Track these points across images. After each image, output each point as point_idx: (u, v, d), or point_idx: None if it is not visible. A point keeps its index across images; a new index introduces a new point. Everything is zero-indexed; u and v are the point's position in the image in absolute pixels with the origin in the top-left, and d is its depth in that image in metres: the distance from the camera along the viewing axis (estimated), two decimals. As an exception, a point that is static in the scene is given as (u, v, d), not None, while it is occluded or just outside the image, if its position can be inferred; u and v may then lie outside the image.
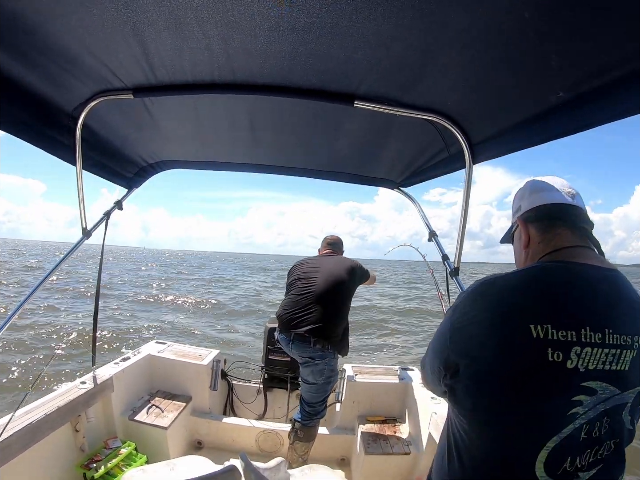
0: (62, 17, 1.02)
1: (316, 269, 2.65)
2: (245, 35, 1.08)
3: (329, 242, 2.94)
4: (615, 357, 0.72)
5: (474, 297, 0.82)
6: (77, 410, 2.17)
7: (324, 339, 2.38)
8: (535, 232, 0.92)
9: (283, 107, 1.65)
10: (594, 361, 0.71)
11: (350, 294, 2.60)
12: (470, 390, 0.78)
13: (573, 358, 0.70)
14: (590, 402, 0.71)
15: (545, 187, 0.93)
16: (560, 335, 0.70)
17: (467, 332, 0.79)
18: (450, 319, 0.84)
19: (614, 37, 0.83)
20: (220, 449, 2.83)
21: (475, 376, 0.77)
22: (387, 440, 2.55)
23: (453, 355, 0.81)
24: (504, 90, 1.21)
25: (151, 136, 2.09)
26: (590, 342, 0.71)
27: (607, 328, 0.72)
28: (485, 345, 0.75)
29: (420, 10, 0.88)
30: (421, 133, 1.71)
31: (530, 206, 0.93)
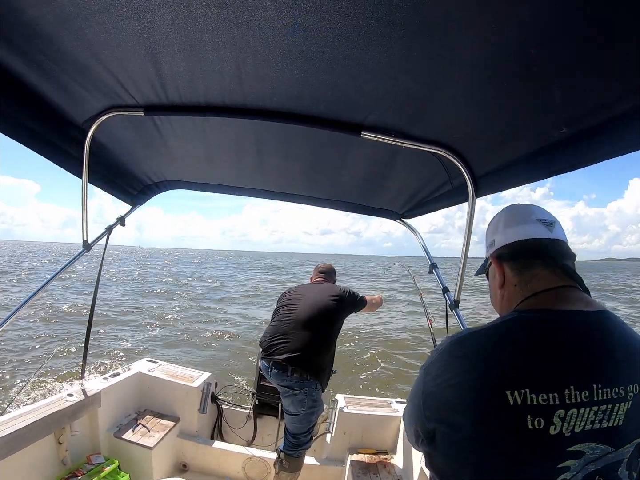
0: (78, 31, 1.04)
1: (300, 296, 2.60)
2: (259, 60, 1.11)
3: (320, 270, 2.91)
4: (606, 414, 0.65)
5: (445, 359, 0.75)
6: (61, 422, 2.13)
7: (302, 369, 2.30)
8: (510, 272, 0.84)
9: (290, 134, 1.68)
10: (581, 422, 0.64)
11: (334, 322, 2.50)
12: (448, 459, 0.72)
13: (556, 423, 0.63)
14: (577, 465, 0.64)
15: (519, 220, 0.85)
16: (540, 399, 0.63)
17: (440, 397, 0.72)
18: (422, 380, 0.78)
19: (617, 73, 0.86)
20: (206, 473, 2.76)
21: (453, 444, 0.70)
22: (377, 474, 2.48)
23: (428, 421, 0.75)
24: (508, 124, 1.24)
25: (158, 155, 2.12)
26: (575, 403, 0.63)
27: (596, 383, 0.65)
28: (460, 412, 0.68)
29: (429, 44, 0.92)
30: (425, 165, 1.74)
31: (504, 242, 0.85)
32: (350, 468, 2.54)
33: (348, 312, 2.63)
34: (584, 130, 1.07)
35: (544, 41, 0.83)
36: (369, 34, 0.91)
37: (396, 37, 0.90)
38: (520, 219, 0.85)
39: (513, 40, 0.85)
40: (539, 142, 1.24)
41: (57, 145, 1.68)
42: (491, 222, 0.94)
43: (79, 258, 2.23)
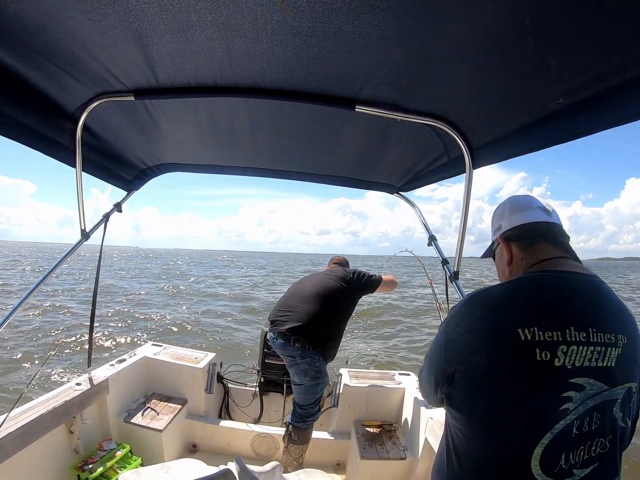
0: (62, 21, 1.02)
1: (308, 278, 2.83)
2: (248, 38, 1.08)
3: (335, 261, 3.05)
4: (600, 355, 0.77)
5: (465, 310, 0.87)
6: (71, 412, 2.16)
7: (304, 339, 2.40)
8: (517, 250, 0.98)
9: (284, 111, 1.65)
10: (580, 358, 0.75)
11: (338, 300, 2.57)
12: (466, 394, 0.83)
13: (560, 356, 0.74)
14: (579, 398, 0.75)
15: (524, 207, 1.00)
16: (546, 336, 0.75)
17: (461, 342, 0.83)
18: (443, 332, 0.89)
19: (614, 44, 0.84)
20: (215, 452, 2.82)
21: (470, 381, 0.81)
22: (383, 445, 2.54)
23: (448, 364, 0.85)
24: (504, 96, 1.22)
25: (151, 139, 2.08)
26: (575, 341, 0.75)
27: (591, 327, 0.77)
28: (478, 352, 0.79)
29: (422, 17, 0.89)
30: (422, 138, 1.72)
31: (511, 225, 1.00)
32: (357, 440, 2.60)
33: (358, 292, 2.70)
34: (581, 101, 1.06)
35: (540, 11, 0.81)
36: (359, 7, 0.87)
37: (388, 9, 0.87)
38: (523, 206, 1.01)
39: (508, 10, 0.82)
40: (536, 113, 1.23)
41: (48, 137, 1.64)
42: (496, 211, 1.09)
43: (78, 247, 2.21)
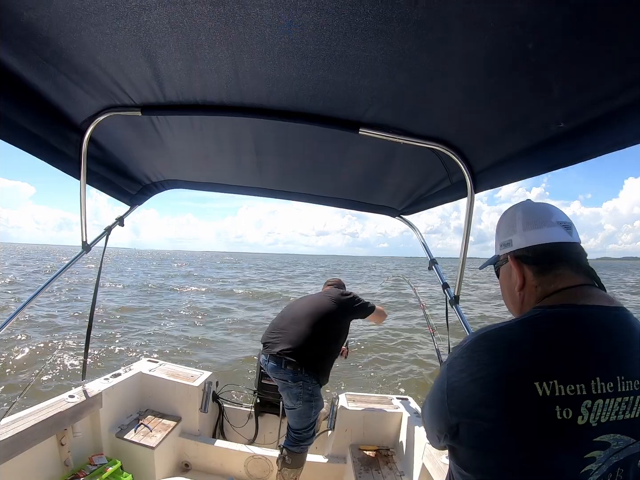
0: (74, 32, 1.04)
1: (302, 299, 2.77)
2: (256, 59, 1.10)
3: (330, 283, 3.00)
4: (628, 405, 0.67)
5: (472, 354, 0.75)
6: (63, 424, 2.13)
7: (296, 362, 2.34)
8: (531, 274, 0.84)
9: (288, 132, 1.67)
10: (607, 413, 0.65)
11: (330, 322, 2.52)
12: (473, 450, 0.73)
13: (584, 413, 0.64)
14: (603, 456, 0.66)
15: (541, 222, 0.85)
16: (568, 390, 0.65)
17: (466, 391, 0.72)
18: (446, 376, 0.78)
19: (615, 67, 0.86)
20: (208, 472, 2.76)
21: (478, 436, 0.71)
22: (379, 470, 2.48)
23: (452, 415, 0.75)
24: (506, 119, 1.23)
25: (156, 154, 2.11)
26: (601, 394, 0.65)
27: (619, 375, 0.67)
28: (487, 405, 0.69)
29: (425, 40, 0.91)
30: (424, 161, 1.74)
31: (525, 244, 0.85)
32: (353, 464, 2.54)
33: (349, 315, 2.65)
34: (582, 125, 1.07)
35: (542, 35, 0.82)
36: (365, 31, 0.90)
37: (392, 33, 0.90)
38: (541, 220, 0.85)
39: (510, 34, 0.84)
40: (537, 137, 1.24)
41: (54, 147, 1.66)
42: (504, 219, 0.94)
43: (79, 259, 2.21)
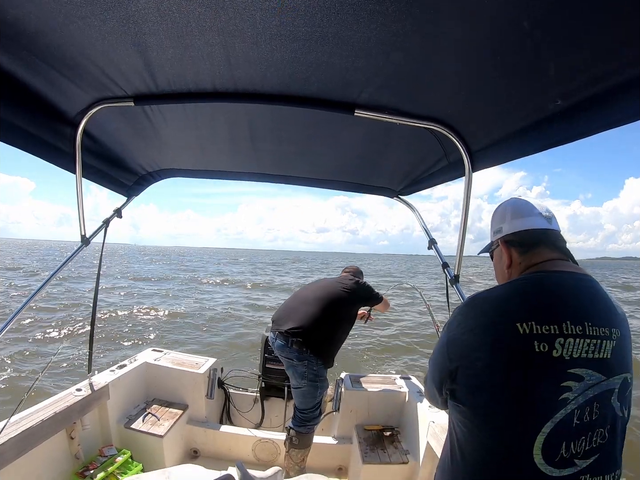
0: (62, 27, 1.02)
1: (318, 282, 2.82)
2: (247, 43, 1.08)
3: (347, 270, 3.03)
4: (596, 347, 0.82)
5: (466, 311, 0.93)
6: (72, 418, 2.15)
7: (302, 341, 2.39)
8: (516, 254, 1.03)
9: (283, 116, 1.65)
10: (578, 350, 0.80)
11: (340, 307, 2.57)
12: (468, 388, 0.87)
13: (558, 347, 0.79)
14: (578, 387, 0.79)
15: (525, 213, 1.03)
16: (544, 329, 0.80)
17: (462, 340, 0.89)
18: (446, 333, 0.95)
19: (611, 45, 0.84)
20: (217, 458, 2.81)
21: (472, 375, 0.86)
22: (384, 450, 2.53)
23: (451, 362, 0.91)
24: (503, 98, 1.22)
25: (151, 144, 2.09)
26: (572, 334, 0.80)
27: (587, 321, 0.82)
28: (479, 348, 0.84)
29: (420, 19, 0.89)
30: (421, 142, 1.72)
31: (512, 230, 1.04)
32: (359, 445, 2.59)
33: (359, 303, 2.72)
34: (579, 103, 1.06)
35: (537, 14, 0.81)
36: (358, 11, 0.88)
37: (386, 13, 0.87)
38: (525, 211, 1.04)
39: (506, 13, 0.83)
40: (535, 115, 1.23)
41: (48, 142, 1.64)
42: (497, 212, 1.12)
43: (78, 253, 2.21)
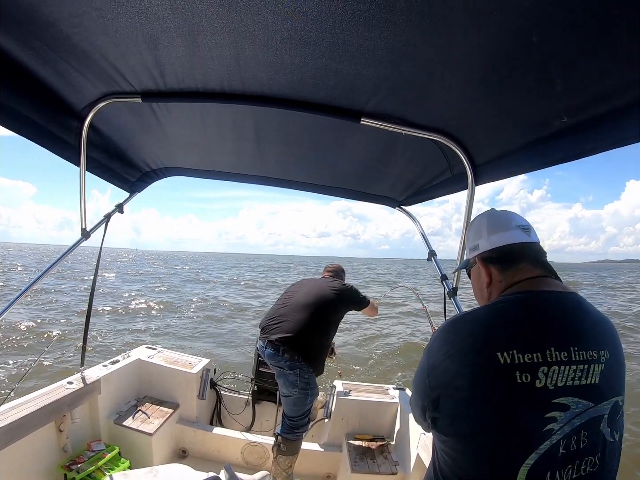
0: (75, 17, 1.03)
1: (302, 285, 2.74)
2: (258, 45, 1.09)
3: (329, 269, 2.98)
4: (584, 372, 0.77)
5: (445, 336, 0.87)
6: (62, 410, 2.14)
7: (293, 350, 2.35)
8: (496, 272, 0.97)
9: (289, 120, 1.66)
10: (563, 378, 0.75)
11: (329, 311, 2.53)
12: (451, 418, 0.82)
13: (541, 377, 0.74)
14: (564, 417, 0.75)
15: (502, 226, 0.98)
16: (526, 358, 0.75)
17: (443, 367, 0.84)
18: (426, 359, 0.90)
19: (618, 63, 0.85)
20: (205, 458, 2.79)
21: (454, 405, 0.81)
22: (374, 459, 2.51)
23: (432, 390, 0.85)
24: (509, 113, 1.22)
25: (156, 141, 2.09)
26: (556, 361, 0.75)
27: (572, 346, 0.77)
28: (460, 376, 0.79)
29: (429, 30, 0.90)
30: (425, 152, 1.73)
31: (490, 247, 0.98)
32: (348, 453, 2.57)
33: (347, 307, 2.66)
34: (585, 120, 1.07)
35: (546, 29, 0.82)
36: (369, 19, 0.89)
37: (396, 23, 0.88)
38: (501, 225, 0.98)
39: (514, 27, 0.83)
40: (540, 131, 1.23)
41: (54, 134, 1.64)
42: (472, 227, 1.07)
43: (77, 246, 2.20)
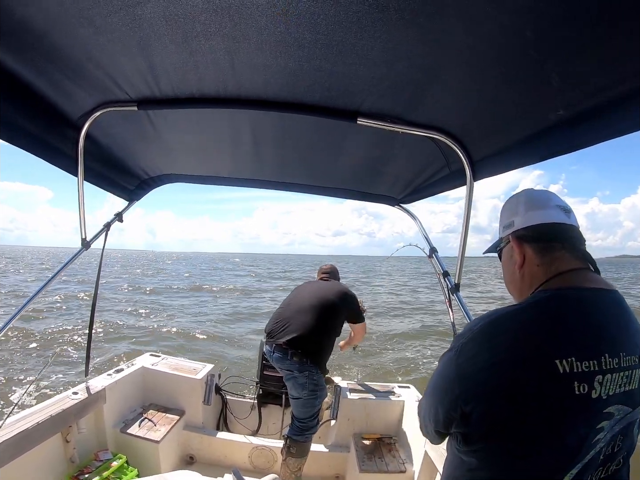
0: (69, 28, 1.03)
1: (306, 288, 2.80)
2: (252, 49, 1.09)
3: (324, 270, 3.01)
4: (628, 378, 0.72)
5: (483, 340, 0.75)
6: (68, 421, 2.14)
7: (301, 352, 2.37)
8: (532, 253, 0.87)
9: (286, 123, 1.66)
10: (613, 387, 0.70)
11: (334, 315, 2.57)
12: (486, 433, 0.73)
13: (597, 387, 0.68)
14: (609, 425, 0.71)
15: (541, 204, 0.89)
16: (584, 366, 0.68)
17: (481, 377, 0.73)
18: (454, 364, 0.77)
19: (613, 55, 0.85)
20: (213, 464, 2.78)
21: (493, 420, 0.71)
22: (382, 458, 2.51)
23: (465, 403, 0.74)
24: (505, 108, 1.23)
25: (154, 149, 2.09)
26: (610, 369, 0.70)
27: (622, 352, 0.72)
28: (506, 388, 0.70)
29: (424, 29, 0.90)
30: (423, 150, 1.73)
31: (527, 224, 0.89)
32: (356, 453, 2.57)
33: (346, 313, 2.68)
34: (581, 113, 1.07)
35: (540, 24, 0.81)
36: (362, 19, 0.89)
37: (390, 22, 0.88)
38: (541, 203, 0.90)
39: (509, 24, 0.83)
40: (537, 125, 1.23)
41: (51, 144, 1.64)
42: (507, 205, 0.97)
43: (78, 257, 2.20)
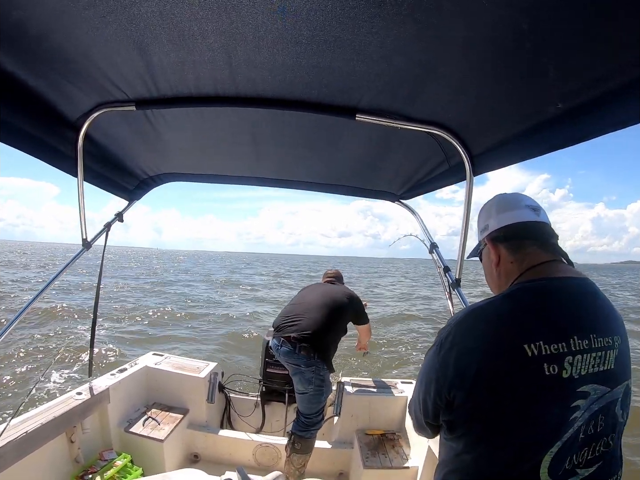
0: (66, 29, 1.03)
1: (314, 288, 2.90)
2: (249, 47, 1.08)
3: (330, 275, 3.09)
4: (601, 359, 0.78)
5: (462, 329, 0.83)
6: (72, 421, 2.15)
7: (309, 347, 2.39)
8: (505, 252, 0.96)
9: (285, 121, 1.66)
10: (585, 366, 0.75)
11: (341, 315, 2.61)
12: (468, 417, 0.80)
13: (567, 368, 0.74)
14: (585, 404, 0.75)
15: (511, 206, 0.97)
16: (552, 348, 0.74)
17: (461, 363, 0.79)
18: (438, 354, 0.84)
19: (611, 47, 0.84)
20: (217, 462, 2.79)
21: (474, 405, 0.78)
22: (386, 454, 2.52)
23: (448, 390, 0.81)
24: (504, 102, 1.22)
25: (153, 148, 2.09)
26: (579, 350, 0.75)
27: (592, 333, 0.78)
28: (483, 372, 0.77)
29: (421, 24, 0.89)
30: (422, 146, 1.73)
31: (498, 226, 0.97)
32: (360, 449, 2.57)
33: (351, 314, 2.75)
34: (580, 105, 1.06)
35: (537, 15, 0.81)
36: (358, 15, 0.88)
37: (387, 17, 0.88)
38: (511, 205, 0.98)
39: (506, 17, 0.83)
40: (535, 119, 1.23)
41: (50, 145, 1.64)
42: (483, 209, 1.06)
43: (79, 257, 2.20)
